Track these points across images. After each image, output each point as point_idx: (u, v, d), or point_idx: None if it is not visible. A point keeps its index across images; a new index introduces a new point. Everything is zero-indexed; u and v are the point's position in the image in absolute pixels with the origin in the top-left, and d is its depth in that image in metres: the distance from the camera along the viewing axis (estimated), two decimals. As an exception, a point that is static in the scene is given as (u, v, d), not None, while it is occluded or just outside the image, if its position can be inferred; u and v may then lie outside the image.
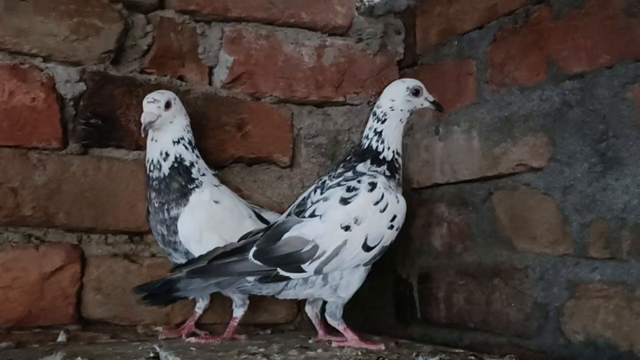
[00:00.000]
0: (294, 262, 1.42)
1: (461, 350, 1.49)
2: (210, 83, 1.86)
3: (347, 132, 1.99)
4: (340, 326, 1.53)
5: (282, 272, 1.42)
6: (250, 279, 1.44)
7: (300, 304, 1.90)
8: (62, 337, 1.60)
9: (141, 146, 1.70)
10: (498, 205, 1.68)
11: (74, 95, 1.67)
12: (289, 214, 1.54)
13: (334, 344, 1.52)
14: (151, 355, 1.34)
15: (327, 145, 1.97)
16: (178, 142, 1.59)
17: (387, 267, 1.95)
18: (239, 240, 1.49)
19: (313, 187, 1.56)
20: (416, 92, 1.59)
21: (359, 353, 1.38)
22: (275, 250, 1.42)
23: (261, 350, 1.43)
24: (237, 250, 1.43)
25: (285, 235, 1.44)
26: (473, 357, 1.35)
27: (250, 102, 1.88)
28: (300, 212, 1.50)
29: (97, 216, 1.67)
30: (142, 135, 1.56)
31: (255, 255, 1.41)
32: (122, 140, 1.71)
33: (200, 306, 1.70)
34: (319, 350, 1.44)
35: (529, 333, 1.56)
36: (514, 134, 1.63)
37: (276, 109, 1.91)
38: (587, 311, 1.43)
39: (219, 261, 1.41)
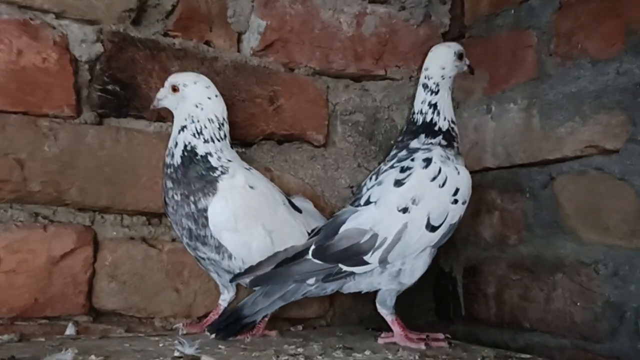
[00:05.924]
0: (354, 254, 1.32)
1: (528, 356, 1.31)
2: (239, 50, 1.67)
3: (387, 109, 1.82)
4: (388, 317, 1.41)
5: (344, 267, 1.32)
6: (312, 281, 1.34)
7: (332, 297, 1.72)
8: (70, 330, 1.42)
9: (164, 117, 1.53)
10: (561, 191, 1.51)
11: (89, 57, 1.47)
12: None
13: (380, 340, 1.41)
14: (176, 354, 1.17)
15: (364, 123, 1.79)
16: (182, 130, 1.42)
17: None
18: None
19: (371, 173, 1.47)
20: (460, 56, 1.49)
21: (416, 357, 1.20)
22: (334, 245, 1.32)
23: (300, 350, 1.27)
24: (298, 254, 1.32)
25: (342, 228, 1.34)
26: (547, 364, 1.18)
27: (284, 72, 1.70)
28: (355, 201, 1.41)
29: (114, 194, 1.48)
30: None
31: (314, 254, 1.31)
32: (143, 109, 1.52)
33: (225, 298, 1.52)
34: (367, 352, 1.27)
35: (598, 336, 1.39)
36: (584, 112, 1.46)
37: (311, 81, 1.73)
38: (673, 313, 1.26)
39: (280, 267, 1.31)
